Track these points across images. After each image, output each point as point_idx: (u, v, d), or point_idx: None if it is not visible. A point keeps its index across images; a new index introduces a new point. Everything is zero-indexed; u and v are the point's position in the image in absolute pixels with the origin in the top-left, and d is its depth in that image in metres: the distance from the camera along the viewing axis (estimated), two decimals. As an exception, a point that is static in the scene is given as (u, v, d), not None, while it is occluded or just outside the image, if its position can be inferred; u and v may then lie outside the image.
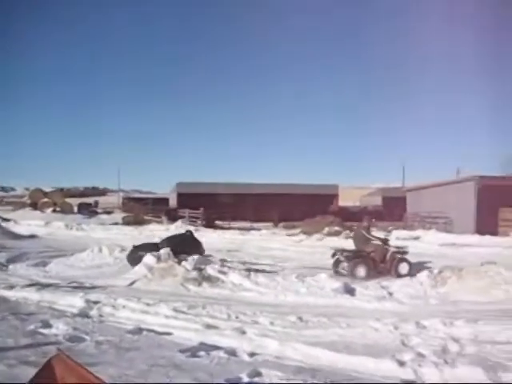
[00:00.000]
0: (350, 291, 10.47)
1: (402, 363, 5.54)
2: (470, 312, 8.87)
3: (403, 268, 13.13)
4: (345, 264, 13.52)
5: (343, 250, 14.00)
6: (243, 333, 6.90)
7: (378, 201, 57.15)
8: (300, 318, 7.91)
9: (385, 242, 13.99)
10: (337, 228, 28.37)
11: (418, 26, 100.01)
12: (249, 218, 38.16)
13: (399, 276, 12.66)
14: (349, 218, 37.04)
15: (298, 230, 30.09)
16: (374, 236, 14.24)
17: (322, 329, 7.37)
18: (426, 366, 5.43)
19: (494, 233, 27.72)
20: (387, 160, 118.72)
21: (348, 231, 28.39)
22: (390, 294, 10.50)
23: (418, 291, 10.73)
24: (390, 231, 29.03)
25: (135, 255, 13.37)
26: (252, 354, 5.85)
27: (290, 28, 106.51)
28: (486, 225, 27.73)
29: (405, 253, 13.69)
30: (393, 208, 42.59)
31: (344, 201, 56.57)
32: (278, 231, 31.96)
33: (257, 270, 12.86)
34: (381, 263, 13.31)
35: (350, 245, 14.45)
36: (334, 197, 49.83)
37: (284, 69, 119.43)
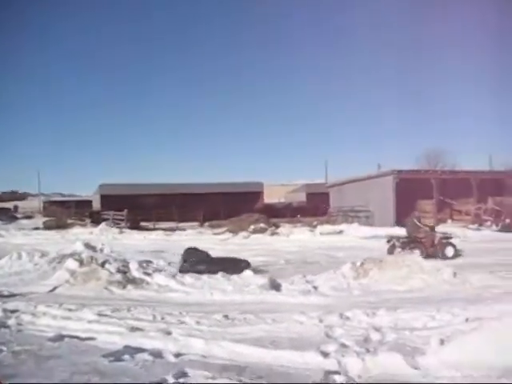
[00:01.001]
0: (276, 287, 10.60)
1: (326, 354, 5.65)
2: (390, 301, 9.22)
3: (449, 251, 15.48)
4: (399, 249, 15.49)
5: (398, 237, 16.36)
6: (169, 334, 6.81)
7: (302, 197, 58.15)
8: (226, 316, 7.93)
9: (432, 229, 16.45)
10: (262, 225, 28.70)
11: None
12: (174, 218, 37.75)
13: (445, 258, 14.89)
14: (274, 214, 37.52)
15: (224, 229, 30.22)
16: (424, 224, 16.58)
17: (249, 325, 7.41)
18: (348, 356, 5.56)
19: (413, 224, 28.85)
20: (311, 156, 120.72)
21: (274, 228, 28.81)
22: (315, 287, 10.72)
23: (341, 283, 11.01)
24: (314, 226, 29.77)
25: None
26: (178, 355, 5.78)
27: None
28: (405, 217, 28.77)
29: (450, 238, 16.09)
30: (317, 203, 43.47)
31: (269, 198, 57.08)
32: (204, 230, 31.98)
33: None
34: (430, 247, 15.57)
35: (275, 240, 14.63)
36: (259, 194, 50.24)
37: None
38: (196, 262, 13.30)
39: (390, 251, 15.70)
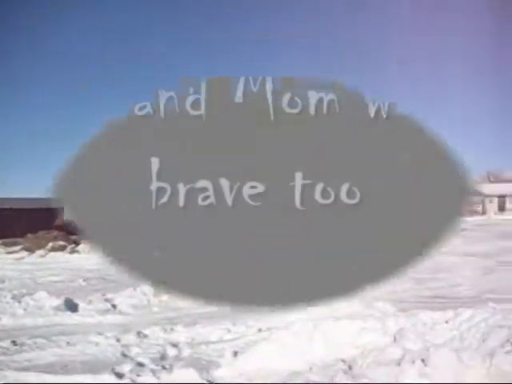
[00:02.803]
0: (72, 308, 10.09)
1: (120, 375, 5.53)
2: (189, 316, 9.32)
3: None
4: None
5: None
6: None
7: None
8: (14, 342, 7.30)
9: None
10: (61, 242, 27.51)
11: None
12: (-41, 236, 34.11)
13: None
14: (76, 231, 35.98)
15: (18, 247, 28.27)
16: None
17: (39, 350, 6.93)
18: (144, 375, 5.51)
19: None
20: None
21: (74, 245, 27.62)
22: (114, 306, 10.43)
23: (141, 301, 10.86)
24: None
25: None
26: None
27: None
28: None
29: None
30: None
31: (71, 214, 54.60)
32: (-4, 249, 29.50)
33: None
34: None
35: (75, 258, 13.99)
36: (59, 210, 47.68)
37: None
38: None
39: None
